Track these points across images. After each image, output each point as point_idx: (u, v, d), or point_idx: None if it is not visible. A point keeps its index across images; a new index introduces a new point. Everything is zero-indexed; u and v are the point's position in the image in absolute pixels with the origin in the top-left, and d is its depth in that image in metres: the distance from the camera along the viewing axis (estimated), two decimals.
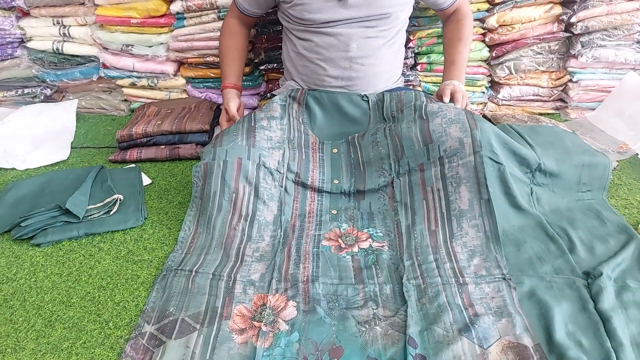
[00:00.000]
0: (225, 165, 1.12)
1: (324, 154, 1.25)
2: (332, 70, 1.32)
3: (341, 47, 1.29)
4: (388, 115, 1.26)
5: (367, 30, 1.28)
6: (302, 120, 1.30)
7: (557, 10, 1.55)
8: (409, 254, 1.00)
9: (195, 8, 1.58)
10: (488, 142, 1.07)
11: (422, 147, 1.11)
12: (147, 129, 1.50)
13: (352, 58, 1.30)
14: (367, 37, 1.29)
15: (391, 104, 1.27)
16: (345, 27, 1.27)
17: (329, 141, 1.27)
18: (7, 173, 1.46)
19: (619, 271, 0.93)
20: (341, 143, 1.26)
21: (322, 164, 1.23)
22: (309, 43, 1.31)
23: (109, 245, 1.11)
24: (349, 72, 1.32)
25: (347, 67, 1.31)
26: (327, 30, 1.28)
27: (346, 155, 1.23)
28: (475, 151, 1.06)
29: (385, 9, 1.26)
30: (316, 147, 1.26)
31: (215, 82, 1.73)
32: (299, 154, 1.22)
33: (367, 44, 1.29)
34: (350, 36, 1.28)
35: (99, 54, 1.74)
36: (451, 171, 1.07)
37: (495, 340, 0.79)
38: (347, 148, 1.24)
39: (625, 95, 1.55)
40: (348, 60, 1.30)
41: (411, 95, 1.26)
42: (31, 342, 0.87)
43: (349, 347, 0.80)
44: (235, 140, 1.16)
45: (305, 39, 1.32)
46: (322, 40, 1.30)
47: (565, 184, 1.16)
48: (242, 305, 0.89)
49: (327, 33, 1.28)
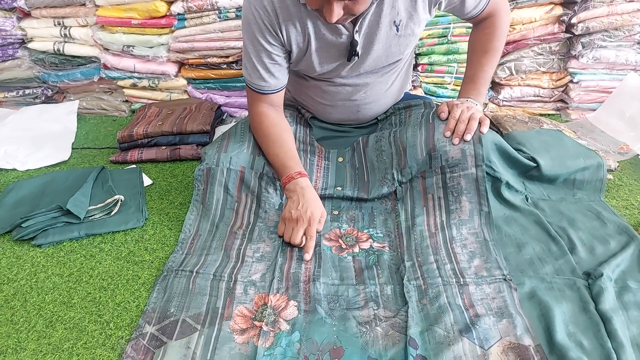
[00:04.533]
0: (229, 174, 1.13)
1: (330, 162, 1.25)
2: (337, 114, 1.28)
3: (348, 97, 1.22)
4: (396, 121, 1.26)
5: (375, 77, 1.19)
6: (308, 132, 1.31)
7: (557, 11, 1.56)
8: (410, 255, 1.00)
9: (196, 9, 1.58)
10: (486, 157, 1.08)
11: (425, 156, 1.11)
12: (148, 129, 1.50)
13: (359, 105, 1.24)
14: (375, 84, 1.21)
15: (400, 111, 1.27)
16: (352, 79, 1.18)
17: (334, 149, 1.27)
18: (8, 174, 1.46)
19: (619, 272, 0.93)
20: (347, 150, 1.26)
21: (326, 172, 1.22)
22: (314, 87, 1.23)
23: (110, 246, 1.11)
24: (356, 115, 1.28)
25: (354, 112, 1.26)
26: (334, 81, 1.19)
27: (351, 165, 1.22)
28: (477, 165, 1.07)
29: (395, 57, 1.15)
30: (322, 155, 1.26)
31: (215, 83, 1.74)
32: (302, 163, 1.21)
33: (375, 90, 1.22)
34: (358, 87, 1.20)
35: (100, 55, 1.74)
36: (452, 181, 1.08)
37: (496, 341, 0.79)
38: (352, 156, 1.24)
39: (626, 96, 1.55)
40: (355, 106, 1.25)
41: (420, 103, 1.26)
42: (32, 343, 0.87)
43: (349, 347, 0.80)
44: (241, 148, 1.16)
45: (309, 82, 1.23)
46: (327, 88, 1.21)
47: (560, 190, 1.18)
48: (243, 305, 0.89)
49: (333, 84, 1.20)
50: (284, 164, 1.11)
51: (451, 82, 1.69)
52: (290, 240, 1.02)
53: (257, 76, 1.11)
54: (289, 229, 1.03)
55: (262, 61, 1.09)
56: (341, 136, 1.31)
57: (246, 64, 1.12)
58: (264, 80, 1.11)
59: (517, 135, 1.28)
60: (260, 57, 1.09)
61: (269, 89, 1.13)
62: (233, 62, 1.68)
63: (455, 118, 1.10)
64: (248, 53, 1.10)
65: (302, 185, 1.07)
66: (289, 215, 1.04)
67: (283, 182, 1.10)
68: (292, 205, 1.04)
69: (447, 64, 1.66)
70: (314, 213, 1.02)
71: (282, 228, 1.05)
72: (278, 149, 1.13)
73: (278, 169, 1.12)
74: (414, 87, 1.67)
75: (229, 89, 1.74)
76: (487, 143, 1.09)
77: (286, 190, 1.09)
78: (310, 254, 1.00)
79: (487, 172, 1.10)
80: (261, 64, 1.10)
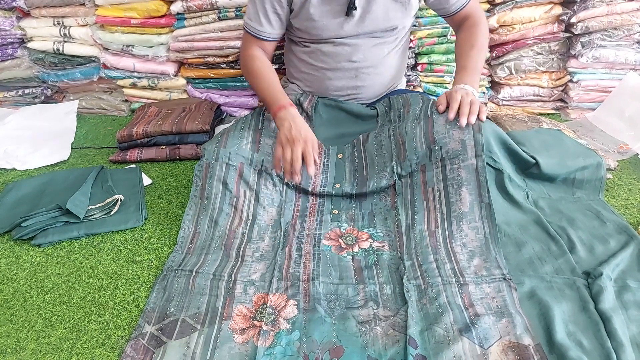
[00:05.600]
0: (228, 169, 1.13)
1: (329, 159, 1.24)
2: (337, 80, 1.30)
3: (347, 58, 1.27)
4: (395, 118, 1.26)
5: (373, 41, 1.26)
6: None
7: (557, 11, 1.56)
8: (409, 254, 1.00)
9: (195, 9, 1.58)
10: (487, 147, 1.08)
11: (425, 149, 1.11)
12: (147, 129, 1.50)
13: (358, 68, 1.28)
14: (373, 47, 1.27)
15: (398, 106, 1.28)
16: (351, 39, 1.25)
17: (334, 146, 1.27)
18: (8, 173, 1.46)
19: (619, 271, 0.93)
20: (346, 147, 1.26)
21: (325, 170, 1.22)
22: (314, 52, 1.29)
23: (110, 245, 1.11)
24: (355, 81, 1.31)
25: (352, 77, 1.30)
26: (334, 41, 1.26)
27: (351, 161, 1.22)
28: (478, 155, 1.06)
29: (392, 22, 1.23)
30: (322, 152, 1.26)
31: (215, 82, 1.73)
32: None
33: (374, 54, 1.28)
34: (357, 47, 1.26)
35: (99, 55, 1.74)
36: (452, 173, 1.07)
37: (495, 340, 0.79)
38: (352, 152, 1.24)
39: (625, 96, 1.56)
40: (354, 70, 1.29)
41: (418, 98, 1.26)
42: (32, 342, 0.87)
43: (349, 346, 0.80)
44: (240, 144, 1.16)
45: (310, 47, 1.30)
46: (327, 49, 1.27)
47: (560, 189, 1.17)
48: (243, 305, 0.89)
49: (333, 44, 1.26)
50: (274, 96, 1.18)
51: (451, 82, 1.69)
52: (291, 162, 1.08)
53: (257, 21, 1.23)
54: (287, 151, 1.09)
55: (264, 7, 1.21)
56: (342, 132, 1.31)
57: (249, 7, 1.25)
58: (261, 25, 1.24)
59: (517, 135, 1.28)
60: (263, 4, 1.21)
61: (264, 34, 1.25)
62: (233, 62, 1.68)
63: (457, 100, 1.10)
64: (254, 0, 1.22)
65: (293, 114, 1.14)
66: (284, 138, 1.10)
67: (274, 111, 1.16)
68: (286, 129, 1.11)
69: (447, 64, 1.66)
70: (307, 134, 1.11)
71: (279, 151, 1.11)
72: (267, 83, 1.22)
73: (268, 100, 1.19)
74: (414, 86, 1.67)
75: (229, 88, 1.74)
76: (488, 133, 1.09)
77: (277, 118, 1.15)
78: (313, 168, 1.07)
79: (489, 164, 1.09)
80: (262, 11, 1.22)
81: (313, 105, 1.31)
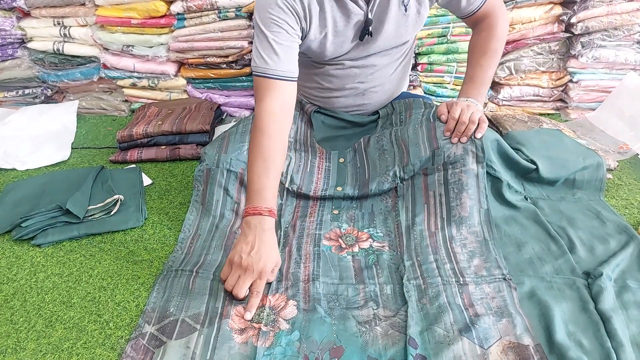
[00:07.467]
0: (229, 175, 1.13)
1: (331, 164, 1.24)
2: (343, 99, 1.28)
3: (355, 79, 1.24)
4: (396, 121, 1.26)
5: (382, 59, 1.22)
6: (310, 133, 1.31)
7: (557, 11, 1.56)
8: (409, 255, 1.00)
9: (195, 9, 1.58)
10: (487, 155, 1.09)
11: (429, 154, 1.11)
12: (147, 129, 1.50)
13: (366, 89, 1.26)
14: (383, 67, 1.23)
15: (400, 110, 1.28)
16: (360, 60, 1.20)
17: (335, 151, 1.27)
18: (8, 174, 1.46)
19: (619, 271, 0.93)
20: (348, 152, 1.26)
21: (327, 174, 1.22)
22: (321, 73, 1.25)
23: (110, 245, 1.11)
24: (361, 99, 1.29)
25: (360, 96, 1.28)
26: (343, 63, 1.21)
27: (352, 164, 1.22)
28: (479, 161, 1.07)
29: (403, 38, 1.19)
30: (323, 156, 1.26)
31: (215, 82, 1.73)
32: (303, 165, 1.21)
33: (383, 72, 1.25)
34: (365, 69, 1.22)
35: (99, 55, 1.75)
36: (454, 177, 1.08)
37: (495, 340, 0.79)
38: (353, 156, 1.24)
39: (625, 96, 1.55)
40: (361, 90, 1.26)
41: (420, 103, 1.26)
42: (32, 343, 0.87)
43: (349, 347, 0.80)
44: (242, 149, 1.16)
45: (316, 69, 1.24)
46: (335, 72, 1.23)
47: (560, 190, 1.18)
48: (242, 306, 0.89)
49: (342, 66, 1.21)
50: (259, 192, 0.95)
51: (451, 82, 1.69)
52: (232, 291, 0.88)
53: (270, 57, 1.01)
54: (234, 276, 0.89)
55: (276, 42, 1.02)
56: (342, 135, 1.31)
57: (256, 48, 1.04)
58: (275, 62, 1.01)
59: (517, 135, 1.28)
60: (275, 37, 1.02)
61: (279, 72, 1.02)
62: (233, 62, 1.68)
63: (454, 118, 1.10)
64: (261, 36, 1.02)
65: (264, 227, 0.92)
66: (237, 260, 0.90)
67: (247, 210, 0.95)
68: (245, 248, 0.90)
69: (447, 64, 1.66)
70: (266, 265, 0.89)
71: (226, 271, 0.92)
72: (263, 171, 0.97)
73: (250, 192, 0.97)
74: (414, 86, 1.67)
75: (229, 88, 1.74)
76: (487, 142, 1.10)
77: (245, 222, 0.94)
78: (252, 313, 0.85)
79: (487, 172, 1.10)
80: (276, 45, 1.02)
81: (313, 109, 1.31)
